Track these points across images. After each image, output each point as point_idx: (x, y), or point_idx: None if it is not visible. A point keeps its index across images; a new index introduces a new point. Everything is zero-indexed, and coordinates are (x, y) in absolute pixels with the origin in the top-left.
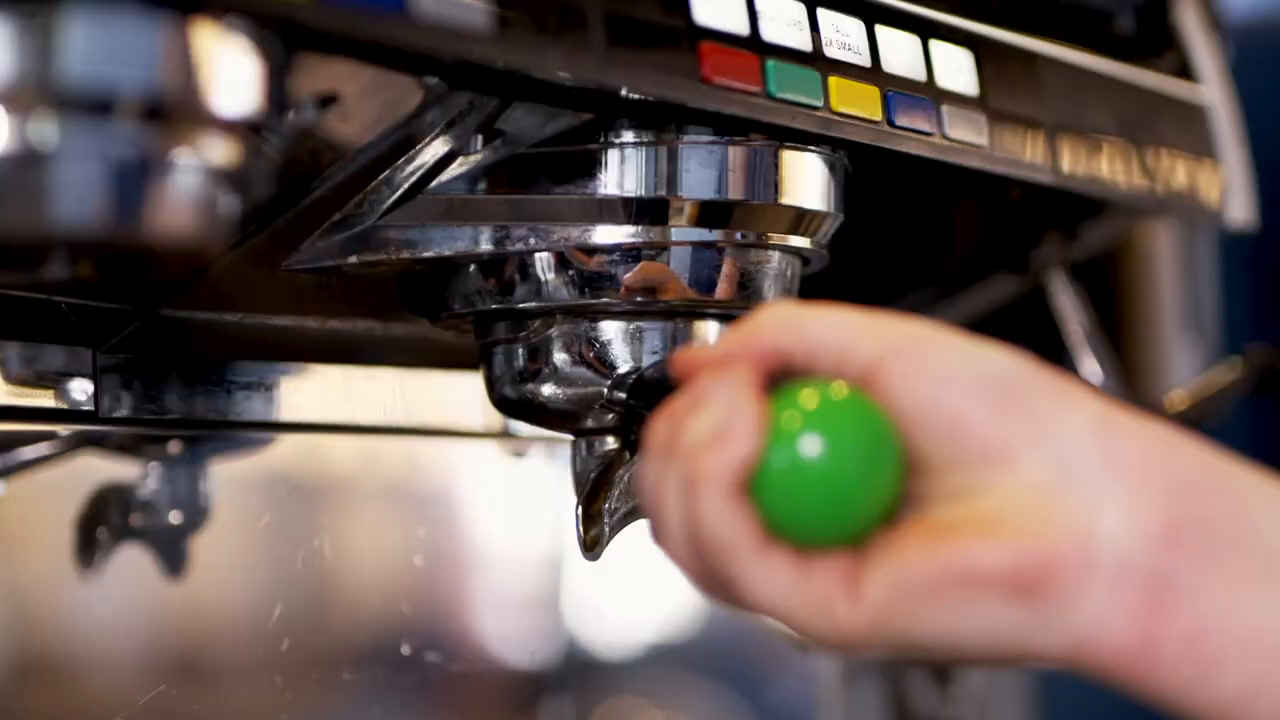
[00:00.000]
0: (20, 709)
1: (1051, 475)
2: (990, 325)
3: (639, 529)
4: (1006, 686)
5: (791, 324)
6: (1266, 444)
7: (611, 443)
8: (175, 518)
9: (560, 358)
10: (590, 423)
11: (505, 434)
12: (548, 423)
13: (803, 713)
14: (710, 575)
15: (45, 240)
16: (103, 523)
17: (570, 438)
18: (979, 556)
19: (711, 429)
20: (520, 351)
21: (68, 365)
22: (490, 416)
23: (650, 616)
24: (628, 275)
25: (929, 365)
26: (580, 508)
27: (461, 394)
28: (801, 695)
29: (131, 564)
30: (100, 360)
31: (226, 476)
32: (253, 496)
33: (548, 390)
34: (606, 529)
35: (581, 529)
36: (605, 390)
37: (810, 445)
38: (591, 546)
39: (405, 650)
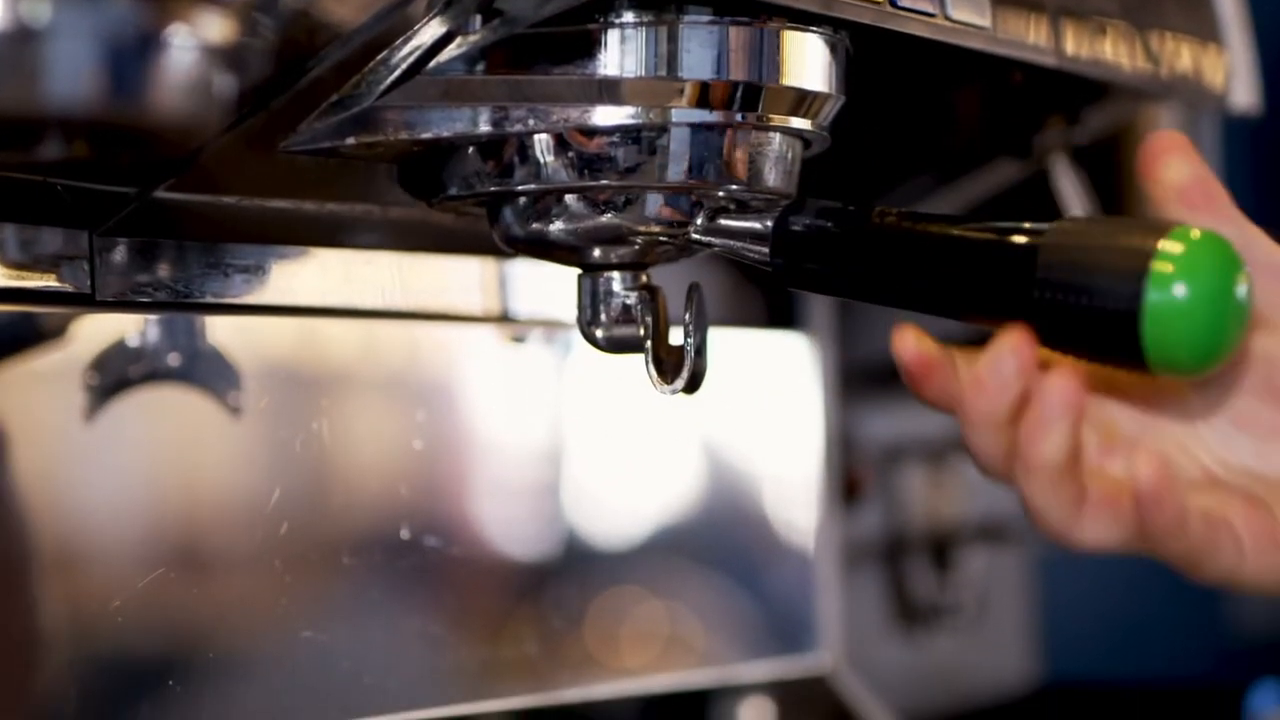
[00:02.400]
0: (17, 593)
1: None
2: (992, 210)
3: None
4: (1006, 574)
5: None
6: None
7: (618, 277)
8: (171, 401)
9: (570, 196)
10: (597, 256)
11: (504, 318)
12: (556, 257)
13: (802, 601)
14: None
15: (40, 118)
16: (97, 407)
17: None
18: None
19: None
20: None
21: (64, 248)
22: (490, 301)
23: (650, 505)
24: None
25: None
26: (648, 347)
27: (461, 278)
28: (801, 584)
29: (128, 449)
30: (97, 243)
31: (223, 360)
32: (250, 381)
33: (557, 226)
34: (687, 359)
35: (653, 367)
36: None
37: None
38: (670, 380)
39: (405, 534)
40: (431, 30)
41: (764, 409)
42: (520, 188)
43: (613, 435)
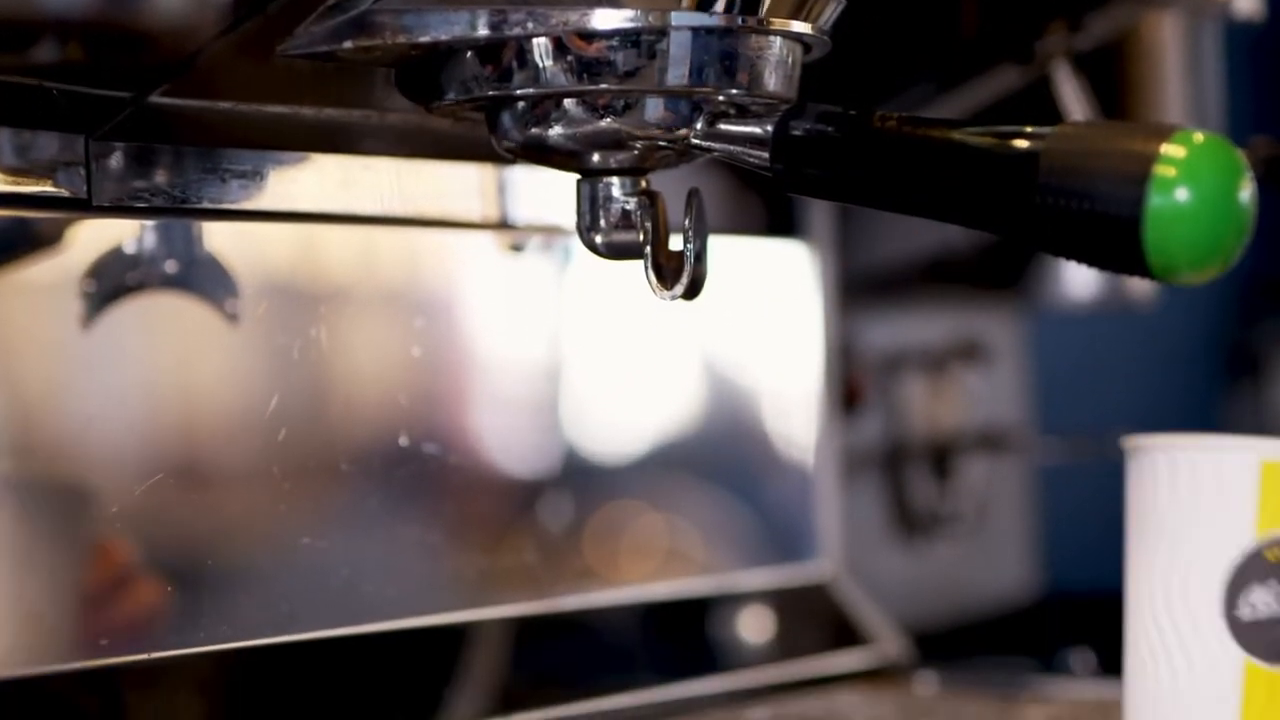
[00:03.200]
0: (17, 500)
1: None
2: (993, 116)
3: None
4: (1005, 483)
5: None
6: (1271, 239)
7: (618, 182)
8: (169, 308)
9: (569, 100)
10: (596, 161)
11: (503, 224)
12: (554, 163)
13: (802, 510)
14: None
15: (35, 20)
16: (94, 313)
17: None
18: None
19: None
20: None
21: (60, 153)
22: (488, 207)
23: (649, 413)
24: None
25: None
26: (648, 253)
27: (459, 184)
28: (800, 495)
29: (125, 355)
30: (93, 148)
31: (221, 267)
32: (248, 287)
33: (555, 131)
34: (687, 265)
35: (652, 273)
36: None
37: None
38: (670, 286)
39: (403, 442)
40: None
41: (763, 317)
42: (519, 92)
43: (612, 343)
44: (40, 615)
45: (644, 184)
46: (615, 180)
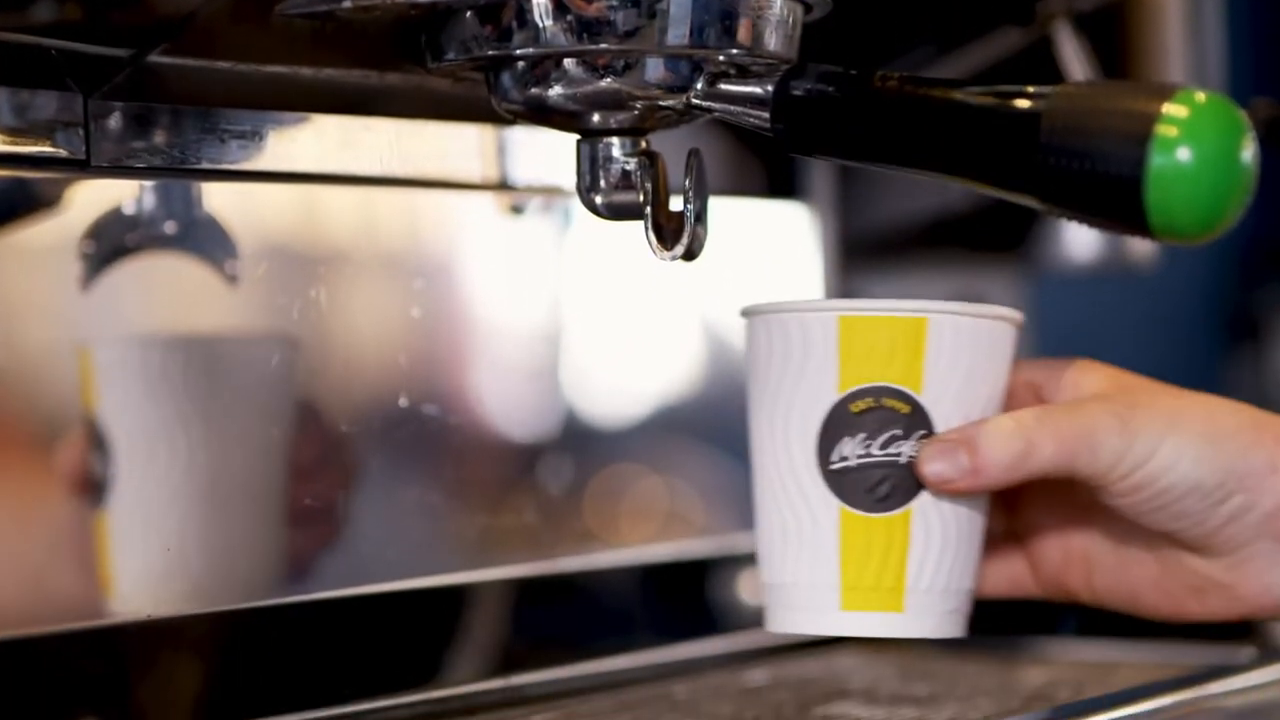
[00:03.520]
0: (13, 464)
1: None
2: (994, 79)
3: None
4: None
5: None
6: (1272, 203)
7: (618, 143)
8: (168, 269)
9: (568, 60)
10: (596, 121)
11: (503, 185)
12: (554, 123)
13: None
14: None
15: None
16: (93, 274)
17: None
18: None
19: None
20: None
21: (58, 113)
22: (488, 167)
23: (649, 374)
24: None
25: None
26: (648, 213)
27: (459, 144)
28: None
29: (124, 315)
30: (91, 108)
31: (220, 227)
32: (247, 248)
33: (555, 91)
34: (687, 226)
35: (652, 234)
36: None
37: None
38: (670, 246)
39: (403, 403)
40: None
41: (764, 279)
42: (519, 52)
43: (611, 303)
44: (39, 578)
45: (644, 144)
46: (615, 141)
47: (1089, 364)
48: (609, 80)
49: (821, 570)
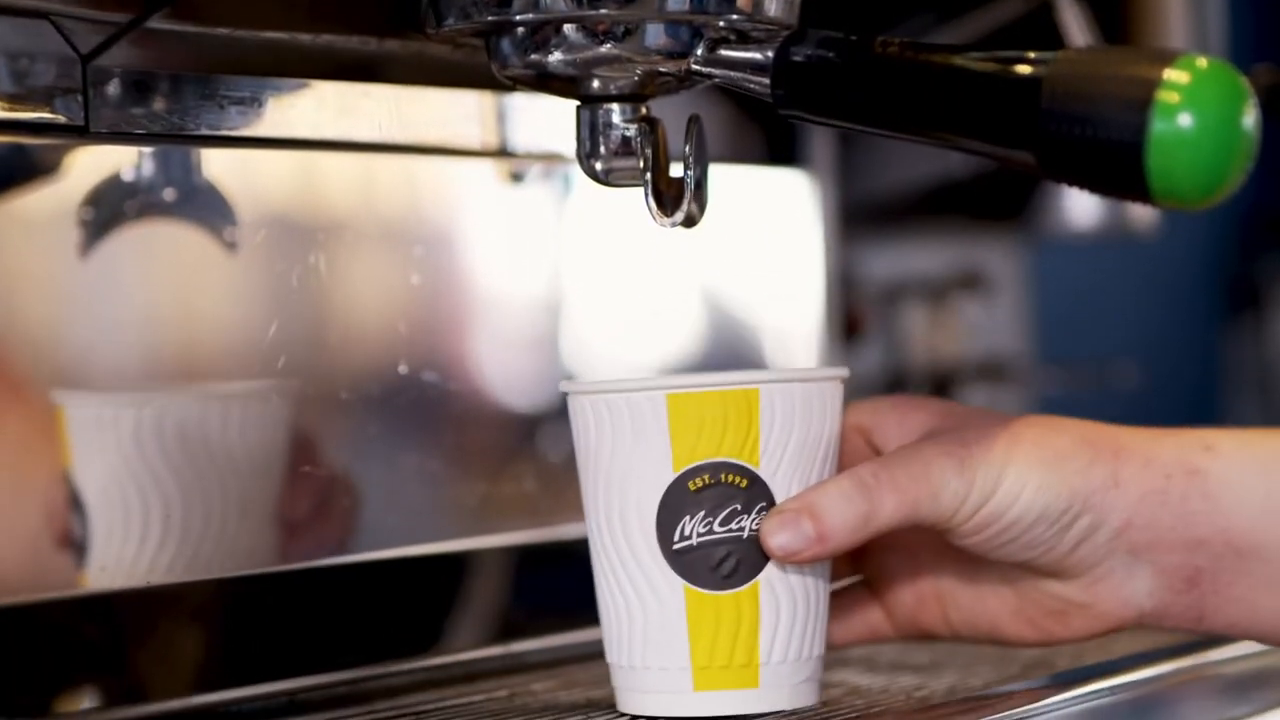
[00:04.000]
0: (14, 430)
1: None
2: (996, 45)
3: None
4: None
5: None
6: (1273, 171)
7: (618, 109)
8: (167, 235)
9: (568, 26)
10: (596, 87)
11: (503, 152)
12: (554, 89)
13: None
14: None
15: None
16: (92, 241)
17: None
18: None
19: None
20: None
21: (57, 80)
22: (488, 134)
23: (648, 341)
24: None
25: None
26: (648, 180)
27: (459, 111)
28: None
29: (123, 283)
30: (90, 74)
31: (219, 194)
32: (246, 214)
33: (555, 57)
34: (687, 192)
35: (652, 200)
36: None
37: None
38: (670, 213)
39: (402, 369)
40: None
41: (764, 246)
42: (518, 18)
43: (611, 270)
44: (38, 545)
45: (644, 110)
46: (615, 107)
47: (913, 401)
48: (609, 46)
49: (671, 653)
